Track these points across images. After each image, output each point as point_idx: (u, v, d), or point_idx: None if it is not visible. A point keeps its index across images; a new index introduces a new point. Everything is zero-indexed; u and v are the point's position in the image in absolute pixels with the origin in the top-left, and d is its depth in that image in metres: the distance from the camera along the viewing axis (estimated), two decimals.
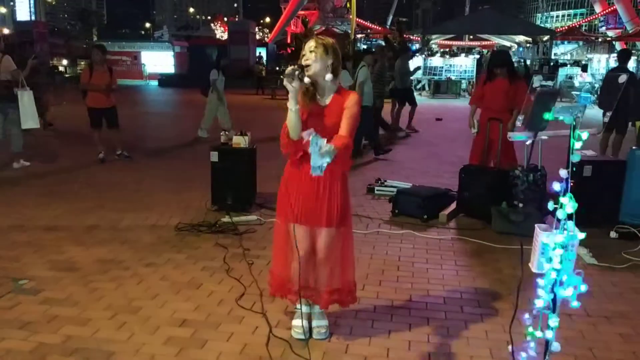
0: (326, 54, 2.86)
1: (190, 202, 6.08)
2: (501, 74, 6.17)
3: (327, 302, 3.14)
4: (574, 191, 5.65)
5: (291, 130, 2.81)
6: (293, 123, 2.79)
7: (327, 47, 2.87)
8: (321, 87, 2.94)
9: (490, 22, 31.18)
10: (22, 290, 3.75)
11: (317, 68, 2.85)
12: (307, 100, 2.90)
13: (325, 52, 2.86)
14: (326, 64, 2.87)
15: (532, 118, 4.43)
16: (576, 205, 2.11)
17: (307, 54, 2.87)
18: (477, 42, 51.52)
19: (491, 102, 6.21)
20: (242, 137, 5.74)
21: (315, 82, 2.91)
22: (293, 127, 2.80)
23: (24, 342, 3.07)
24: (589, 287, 3.92)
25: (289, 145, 2.88)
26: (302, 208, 2.99)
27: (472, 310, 3.60)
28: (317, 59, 2.85)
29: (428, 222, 5.51)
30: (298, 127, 2.79)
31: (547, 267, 2.13)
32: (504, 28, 32.64)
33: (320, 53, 2.85)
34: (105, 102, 8.22)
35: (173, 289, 3.83)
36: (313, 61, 2.84)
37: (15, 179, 7.16)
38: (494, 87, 6.20)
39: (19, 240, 4.76)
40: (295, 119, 2.78)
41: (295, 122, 2.79)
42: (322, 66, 2.86)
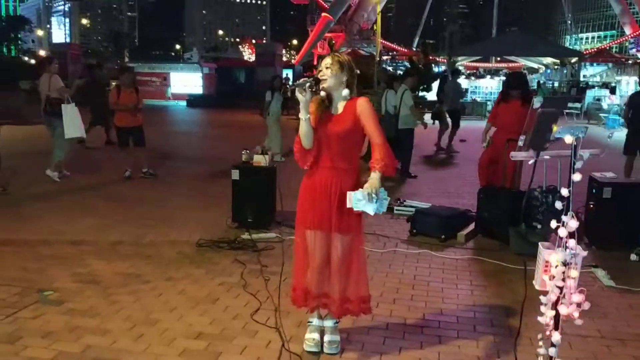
0: (341, 70, 3.03)
1: (212, 219, 6.21)
2: (515, 95, 6.22)
3: (341, 310, 3.20)
4: (594, 213, 5.63)
5: (303, 138, 2.99)
6: (305, 131, 2.97)
7: (342, 64, 3.04)
8: (335, 99, 3.09)
9: (517, 43, 31.10)
10: (47, 301, 3.89)
11: (331, 83, 3.02)
12: (320, 110, 3.05)
13: (340, 68, 3.03)
14: (341, 80, 3.04)
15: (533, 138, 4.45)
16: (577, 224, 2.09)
17: (323, 70, 3.03)
18: (504, 63, 51.33)
19: (504, 122, 6.27)
20: (263, 155, 5.86)
21: (330, 95, 3.07)
22: (305, 135, 2.98)
23: (46, 350, 3.19)
24: (606, 309, 3.93)
25: (301, 154, 3.04)
26: (317, 214, 3.10)
27: (485, 330, 3.61)
28: (332, 75, 3.01)
29: (446, 242, 5.52)
30: (310, 135, 2.98)
31: (549, 285, 2.15)
32: (531, 50, 32.48)
33: (336, 70, 3.02)
34: (133, 121, 8.45)
35: (190, 302, 3.93)
36: (329, 77, 3.01)
37: (47, 194, 7.38)
38: (507, 108, 6.27)
39: (45, 254, 4.92)
40: (307, 127, 2.96)
41: (307, 130, 2.97)
42: (337, 82, 3.03)
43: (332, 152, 3.07)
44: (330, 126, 3.05)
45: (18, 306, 3.77)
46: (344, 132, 3.00)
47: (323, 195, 3.09)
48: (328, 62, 3.06)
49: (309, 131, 2.98)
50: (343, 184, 3.07)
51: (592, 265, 4.86)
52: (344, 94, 3.07)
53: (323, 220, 3.11)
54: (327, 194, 3.08)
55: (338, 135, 3.00)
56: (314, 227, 3.14)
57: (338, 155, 3.06)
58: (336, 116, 3.08)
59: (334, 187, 3.07)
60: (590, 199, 5.59)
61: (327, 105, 3.09)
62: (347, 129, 3.00)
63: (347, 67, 3.05)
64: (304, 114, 2.95)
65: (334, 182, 3.08)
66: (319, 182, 3.10)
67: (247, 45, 64.69)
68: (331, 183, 3.08)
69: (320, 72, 3.04)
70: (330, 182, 3.08)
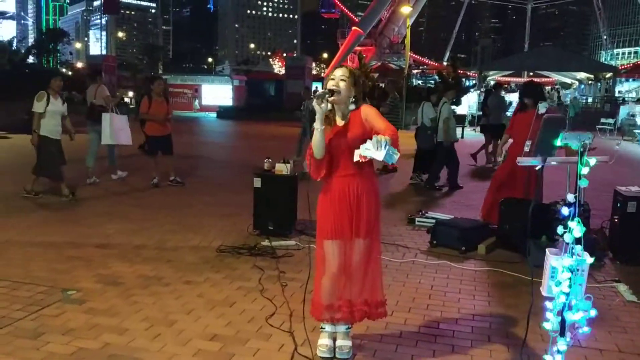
0: (354, 84, 3.08)
1: (234, 226, 6.30)
2: (530, 105, 6.15)
3: (360, 314, 3.23)
4: (618, 227, 5.54)
5: (316, 149, 3.02)
6: (318, 141, 2.99)
7: (356, 78, 3.10)
8: (340, 111, 3.13)
9: (549, 58, 30.80)
10: (69, 300, 4.01)
11: (344, 95, 3.05)
12: (327, 124, 3.08)
13: (353, 82, 3.08)
14: (352, 94, 3.08)
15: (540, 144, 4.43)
16: (584, 229, 2.09)
17: (337, 80, 3.06)
18: (536, 78, 50.74)
19: (518, 133, 6.18)
20: (285, 164, 5.94)
21: (335, 107, 3.10)
22: (318, 146, 3.01)
23: (66, 346, 3.29)
24: (625, 324, 3.86)
25: (314, 165, 3.07)
26: (337, 223, 3.14)
27: (499, 340, 3.58)
28: (346, 88, 3.06)
29: (466, 254, 5.49)
30: (322, 146, 3.01)
31: (556, 291, 2.14)
32: (564, 64, 32.12)
33: (351, 82, 3.07)
34: (162, 130, 8.66)
35: (208, 305, 4.00)
36: (343, 89, 3.05)
37: (76, 200, 7.58)
38: (522, 118, 6.20)
39: (71, 255, 5.07)
40: (321, 138, 2.99)
41: (320, 141, 2.99)
42: (348, 94, 3.07)
43: (345, 161, 3.11)
44: (339, 136, 3.09)
45: (42, 304, 3.90)
46: (354, 140, 3.02)
47: (341, 203, 3.13)
48: (344, 73, 3.09)
49: (322, 141, 3.01)
50: (359, 188, 3.13)
51: (615, 280, 4.78)
52: (351, 108, 3.12)
53: (343, 228, 3.14)
54: (345, 201, 3.13)
55: (349, 144, 3.03)
56: (334, 237, 3.17)
57: (351, 163, 3.09)
58: (343, 126, 3.12)
59: (351, 193, 3.12)
60: (615, 213, 5.51)
61: (332, 118, 3.12)
62: (357, 136, 3.02)
63: (359, 82, 3.11)
64: (319, 124, 2.98)
65: (351, 188, 3.13)
66: (336, 191, 3.14)
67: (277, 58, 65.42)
68: (348, 190, 3.13)
69: (333, 81, 3.06)
70: (347, 189, 3.13)
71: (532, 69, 40.49)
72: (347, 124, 3.13)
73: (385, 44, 55.96)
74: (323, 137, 3.01)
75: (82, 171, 8.78)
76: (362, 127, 3.06)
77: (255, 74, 45.65)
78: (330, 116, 3.11)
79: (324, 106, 2.97)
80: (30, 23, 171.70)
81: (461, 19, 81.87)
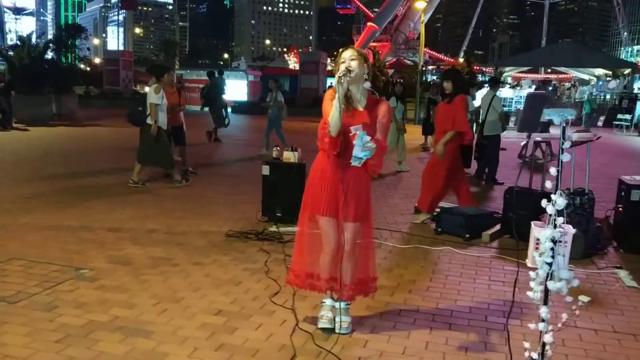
0: (364, 62, 3.20)
1: (244, 213, 6.44)
2: (448, 89, 6.05)
3: (354, 292, 3.39)
4: (622, 216, 5.59)
5: (332, 126, 3.09)
6: (335, 119, 3.06)
7: (364, 57, 3.22)
8: (358, 92, 3.24)
9: (566, 54, 30.53)
10: (82, 277, 4.18)
11: (358, 73, 3.15)
12: (347, 106, 3.18)
13: (364, 61, 3.20)
14: (364, 71, 3.20)
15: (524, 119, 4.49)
16: (565, 202, 2.17)
17: (347, 61, 3.16)
18: (553, 75, 50.32)
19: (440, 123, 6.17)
20: (293, 152, 6.06)
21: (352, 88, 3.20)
22: (334, 124, 3.08)
23: (78, 318, 3.45)
24: (623, 308, 3.93)
25: (329, 141, 3.15)
26: (331, 202, 3.26)
27: (496, 320, 3.67)
28: (358, 66, 3.16)
29: (470, 241, 5.57)
30: (339, 125, 3.07)
31: (539, 261, 2.24)
32: (581, 60, 31.81)
33: (361, 61, 3.18)
34: (174, 120, 8.81)
35: (214, 284, 4.14)
36: (355, 68, 3.14)
37: (93, 186, 7.80)
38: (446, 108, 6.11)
39: (85, 238, 5.25)
40: (338, 116, 3.05)
41: (338, 119, 3.06)
42: (361, 73, 3.18)
43: (351, 144, 3.21)
44: (354, 120, 3.16)
45: (56, 281, 4.07)
46: (370, 132, 3.13)
47: (337, 185, 3.24)
48: (352, 53, 3.20)
49: (339, 120, 3.06)
50: (360, 176, 3.25)
51: (616, 267, 4.84)
52: (366, 86, 3.23)
53: (337, 208, 3.27)
54: (347, 184, 3.23)
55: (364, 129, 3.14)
56: (329, 214, 3.30)
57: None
58: (361, 112, 3.23)
59: (352, 178, 3.23)
60: (619, 201, 5.54)
61: (349, 98, 3.21)
62: (370, 128, 3.14)
63: (367, 60, 3.24)
64: (340, 103, 3.06)
65: (354, 174, 3.22)
66: (333, 172, 3.25)
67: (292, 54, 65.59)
68: (350, 174, 3.22)
69: (344, 63, 3.15)
70: (348, 173, 3.22)
71: (548, 65, 40.18)
72: (366, 111, 3.23)
73: (401, 40, 55.81)
74: (341, 116, 3.06)
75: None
76: (375, 120, 3.19)
77: (270, 69, 45.82)
78: (349, 94, 3.21)
79: (346, 85, 3.08)
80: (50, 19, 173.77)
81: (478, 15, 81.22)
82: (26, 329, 3.27)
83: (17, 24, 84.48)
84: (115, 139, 14.45)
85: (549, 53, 34.31)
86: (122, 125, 10.93)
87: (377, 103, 3.28)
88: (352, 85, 3.20)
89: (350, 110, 3.20)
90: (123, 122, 10.71)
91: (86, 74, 43.14)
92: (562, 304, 2.84)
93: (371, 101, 3.28)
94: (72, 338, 3.18)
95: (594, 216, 5.53)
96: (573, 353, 3.22)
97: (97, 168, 9.54)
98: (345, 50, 3.27)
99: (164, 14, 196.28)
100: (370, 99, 3.29)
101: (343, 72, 3.07)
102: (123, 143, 9.73)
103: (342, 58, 3.21)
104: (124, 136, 12.83)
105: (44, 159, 10.63)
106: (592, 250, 5.24)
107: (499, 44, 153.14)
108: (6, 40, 54.20)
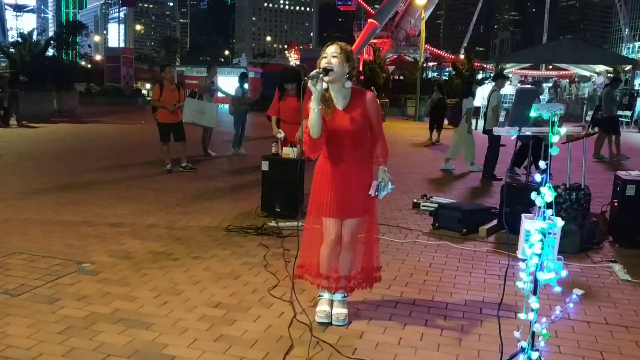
0: (347, 61, 3.14)
1: (243, 208, 6.51)
2: (291, 90, 6.23)
3: (354, 284, 3.46)
4: (618, 211, 5.64)
5: (312, 129, 3.10)
6: (315, 122, 3.08)
7: (347, 54, 3.15)
8: (337, 91, 3.21)
9: (567, 51, 30.52)
10: (84, 271, 4.24)
11: (338, 72, 3.11)
12: (325, 105, 3.16)
13: (346, 59, 3.14)
14: (345, 70, 3.15)
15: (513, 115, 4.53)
16: (555, 194, 2.23)
17: (329, 58, 3.13)
18: (554, 71, 50.26)
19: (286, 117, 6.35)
20: (292, 148, 6.11)
21: (331, 87, 3.18)
22: (315, 126, 3.09)
23: (79, 310, 3.52)
24: (616, 300, 3.99)
25: (311, 144, 3.17)
26: (334, 202, 3.29)
27: (490, 312, 3.72)
28: (338, 64, 3.11)
29: (467, 236, 5.62)
30: (319, 125, 3.09)
31: (529, 253, 2.29)
32: (582, 57, 31.87)
33: (342, 59, 3.12)
34: (173, 117, 8.88)
35: (214, 278, 4.20)
36: (335, 66, 3.10)
37: (94, 182, 7.87)
38: (286, 104, 6.31)
39: (86, 233, 5.32)
40: (317, 118, 3.07)
41: (317, 121, 3.08)
42: (342, 72, 3.13)
43: (345, 145, 3.24)
44: (340, 121, 3.18)
45: (58, 274, 4.13)
46: (355, 128, 3.18)
47: (341, 185, 3.28)
48: (335, 50, 3.13)
49: (318, 121, 3.07)
50: (360, 172, 3.30)
51: (611, 260, 4.89)
52: (347, 86, 3.18)
53: (341, 207, 3.31)
54: (345, 183, 3.28)
55: (350, 132, 3.18)
56: (332, 216, 3.33)
57: (351, 147, 3.24)
58: (345, 111, 3.20)
59: (352, 177, 3.28)
60: (614, 197, 5.60)
61: (328, 97, 3.18)
62: (359, 125, 3.18)
63: (351, 58, 3.17)
64: (315, 105, 3.05)
65: (353, 172, 3.28)
66: (336, 173, 3.29)
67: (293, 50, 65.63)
68: (350, 173, 3.28)
69: (325, 59, 3.11)
70: (348, 172, 3.28)
71: (549, 61, 40.11)
72: (348, 107, 3.21)
73: (402, 37, 55.73)
74: (320, 118, 3.07)
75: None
76: (363, 118, 3.19)
77: (271, 66, 45.84)
78: (327, 95, 3.18)
79: (319, 86, 3.03)
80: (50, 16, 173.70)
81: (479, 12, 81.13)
82: (29, 321, 3.34)
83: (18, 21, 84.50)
84: (115, 135, 14.53)
85: (550, 49, 34.25)
86: (122, 122, 11.04)
87: (361, 97, 3.22)
88: (331, 84, 3.15)
89: (329, 113, 3.17)
90: (124, 119, 10.82)
91: (87, 71, 43.15)
92: (557, 296, 2.92)
93: (355, 96, 3.23)
94: (74, 329, 3.24)
95: (590, 211, 5.59)
96: (566, 344, 3.28)
97: (97, 164, 9.61)
98: (329, 46, 3.21)
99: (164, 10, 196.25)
100: (354, 93, 3.23)
101: (316, 72, 3.02)
102: (123, 140, 9.83)
103: (325, 53, 3.16)
104: (125, 133, 12.92)
105: (45, 155, 10.70)
106: (588, 245, 5.29)
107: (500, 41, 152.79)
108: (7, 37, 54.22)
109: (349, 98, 3.23)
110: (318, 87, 3.04)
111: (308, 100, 3.13)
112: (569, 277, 4.35)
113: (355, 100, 3.22)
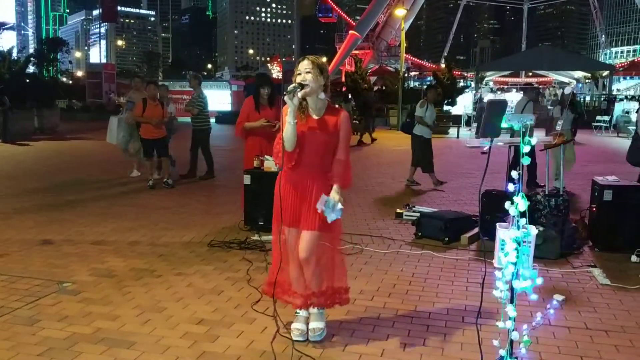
0: (321, 74, 3.20)
1: (226, 223, 6.50)
2: (266, 95, 6.32)
3: (305, 303, 3.41)
4: (596, 216, 5.73)
5: (287, 142, 3.15)
6: (290, 135, 3.13)
7: (321, 68, 3.21)
8: (313, 103, 3.27)
9: (546, 58, 31.00)
10: (65, 291, 4.21)
11: (313, 86, 3.17)
12: (301, 115, 3.23)
13: (320, 72, 3.20)
14: (320, 83, 3.20)
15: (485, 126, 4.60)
16: (528, 203, 2.27)
17: (303, 74, 3.18)
18: (534, 78, 50.95)
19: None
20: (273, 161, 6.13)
21: (308, 99, 3.23)
22: (289, 139, 3.15)
23: (61, 331, 3.49)
24: (596, 305, 4.04)
25: (284, 156, 3.20)
26: (291, 211, 3.31)
27: (472, 321, 3.74)
28: (313, 79, 3.16)
29: (449, 244, 5.67)
30: (294, 140, 3.15)
31: (504, 261, 2.33)
32: (561, 64, 32.41)
33: (316, 73, 3.18)
34: (157, 133, 8.86)
35: (197, 294, 4.19)
36: (310, 81, 3.16)
37: (76, 200, 7.80)
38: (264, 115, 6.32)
39: (68, 252, 5.27)
40: (292, 132, 3.13)
41: (292, 135, 3.13)
42: (317, 85, 3.19)
43: (312, 153, 3.26)
44: (312, 130, 3.22)
45: (38, 295, 4.09)
46: (326, 140, 3.22)
47: (302, 194, 3.30)
48: (308, 66, 3.18)
49: (293, 134, 3.13)
50: (320, 183, 3.29)
51: (590, 265, 4.96)
52: (321, 97, 3.24)
53: (296, 217, 3.32)
54: (305, 193, 3.29)
55: (318, 139, 3.21)
56: (290, 225, 3.34)
57: (318, 156, 3.27)
58: (319, 121, 3.25)
59: (313, 187, 3.28)
60: (592, 202, 5.69)
61: (305, 108, 3.25)
62: (329, 135, 3.22)
63: (325, 70, 3.23)
64: (291, 118, 3.10)
65: (315, 182, 3.29)
66: (298, 182, 3.30)
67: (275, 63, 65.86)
68: (312, 183, 3.29)
69: (300, 75, 3.17)
70: (309, 182, 3.29)
71: (528, 69, 40.72)
72: (322, 120, 3.26)
73: (383, 47, 56.27)
74: (295, 131, 3.13)
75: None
76: (335, 132, 3.23)
77: (253, 78, 45.92)
78: (304, 105, 3.24)
79: (296, 100, 3.09)
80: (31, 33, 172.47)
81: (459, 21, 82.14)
82: (9, 344, 3.30)
83: None
84: (97, 152, 14.43)
85: (529, 57, 34.85)
86: (104, 138, 10.95)
87: (336, 113, 3.29)
88: (308, 96, 3.21)
89: (303, 118, 3.23)
90: (106, 135, 10.77)
91: (68, 88, 42.87)
92: (537, 302, 2.96)
93: (330, 110, 3.30)
94: (55, 351, 3.21)
95: (569, 217, 5.67)
96: (546, 350, 3.32)
97: (79, 182, 9.54)
98: (301, 61, 3.26)
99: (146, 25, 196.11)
100: (329, 108, 3.30)
101: (293, 87, 3.08)
102: (105, 156, 9.75)
103: (298, 70, 3.21)
104: (106, 149, 12.81)
105: (26, 174, 10.60)
106: (568, 250, 5.37)
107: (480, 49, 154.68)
108: None
109: (324, 110, 3.29)
110: (295, 101, 3.10)
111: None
112: (549, 283, 4.45)
113: (330, 114, 3.29)
